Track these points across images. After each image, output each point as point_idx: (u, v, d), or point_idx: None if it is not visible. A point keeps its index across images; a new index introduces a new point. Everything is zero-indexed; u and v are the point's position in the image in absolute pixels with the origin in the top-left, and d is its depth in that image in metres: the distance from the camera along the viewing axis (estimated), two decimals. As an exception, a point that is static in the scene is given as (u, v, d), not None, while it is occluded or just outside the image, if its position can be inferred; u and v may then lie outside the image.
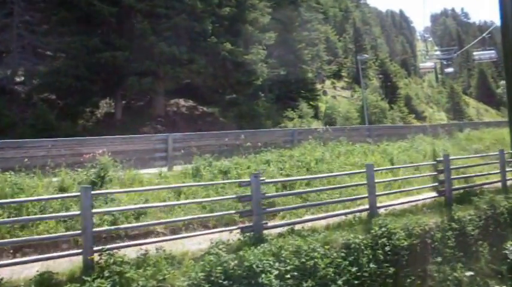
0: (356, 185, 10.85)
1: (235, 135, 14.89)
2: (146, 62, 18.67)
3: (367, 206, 10.15)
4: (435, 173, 12.62)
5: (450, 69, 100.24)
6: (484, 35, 72.75)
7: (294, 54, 30.05)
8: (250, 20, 22.59)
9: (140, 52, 19.21)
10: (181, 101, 25.89)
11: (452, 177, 12.48)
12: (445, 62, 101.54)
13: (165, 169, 13.08)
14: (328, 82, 43.21)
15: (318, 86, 39.76)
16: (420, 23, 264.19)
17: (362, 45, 49.65)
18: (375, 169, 10.64)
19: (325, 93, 37.47)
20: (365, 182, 10.35)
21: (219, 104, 26.77)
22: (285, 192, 10.06)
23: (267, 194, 8.87)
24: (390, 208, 10.76)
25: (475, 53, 75.25)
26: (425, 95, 54.34)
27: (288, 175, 13.06)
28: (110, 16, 19.32)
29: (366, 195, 10.25)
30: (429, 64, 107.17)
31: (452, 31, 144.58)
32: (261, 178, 8.70)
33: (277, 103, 29.19)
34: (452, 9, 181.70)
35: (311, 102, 30.27)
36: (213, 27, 20.85)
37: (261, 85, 25.11)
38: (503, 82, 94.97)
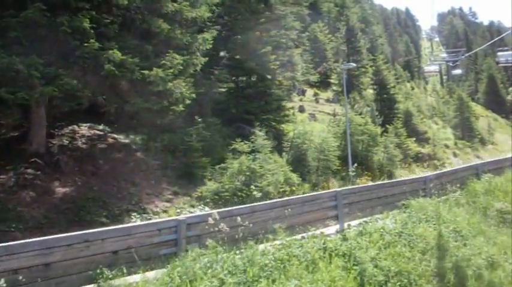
0: None
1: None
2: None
3: None
4: None
5: (458, 71, 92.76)
6: (505, 34, 64.96)
7: (254, 61, 22.46)
8: (168, 14, 15.01)
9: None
10: (84, 129, 18.35)
11: None
12: (451, 64, 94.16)
13: None
14: (311, 92, 35.57)
15: (295, 100, 32.21)
16: (427, 21, 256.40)
17: (356, 47, 42.03)
18: None
19: (302, 110, 29.89)
20: None
21: (144, 131, 19.41)
22: None
23: None
24: None
25: (499, 54, 67.11)
26: (429, 106, 46.65)
27: None
28: None
29: None
30: (433, 68, 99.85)
31: (460, 31, 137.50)
32: None
33: (229, 128, 21.66)
34: (460, 9, 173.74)
35: (277, 126, 22.69)
36: (100, 26, 13.33)
37: (192, 107, 17.66)
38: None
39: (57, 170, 15.89)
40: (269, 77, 24.13)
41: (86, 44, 12.72)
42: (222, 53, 24.44)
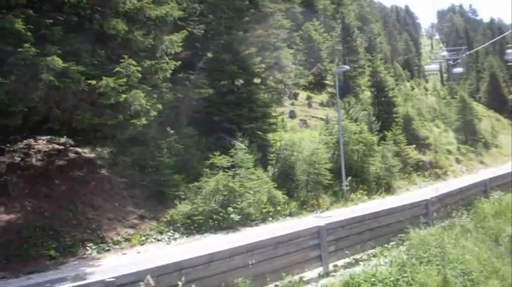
0: None
1: None
2: None
3: None
4: None
5: (459, 69, 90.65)
6: (508, 32, 62.67)
7: (237, 64, 20.39)
8: (127, 12, 12.91)
9: None
10: (42, 143, 16.25)
11: None
12: (451, 62, 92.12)
13: None
14: (304, 95, 33.41)
15: (286, 104, 30.10)
16: (427, 18, 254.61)
17: (352, 46, 39.86)
18: None
19: (292, 115, 27.74)
20: None
21: (113, 143, 17.31)
22: None
23: None
24: None
25: (508, 52, 64.15)
26: (430, 108, 44.43)
27: None
28: None
29: None
30: (434, 66, 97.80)
31: (460, 28, 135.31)
32: None
33: (209, 139, 19.57)
34: (460, 6, 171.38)
35: (263, 136, 20.59)
36: (41, 27, 11.26)
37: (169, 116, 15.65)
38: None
39: (3, 193, 13.83)
40: (256, 81, 22.06)
41: (19, 50, 10.62)
42: (209, 55, 22.38)
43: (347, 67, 25.01)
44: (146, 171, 16.89)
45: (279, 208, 16.80)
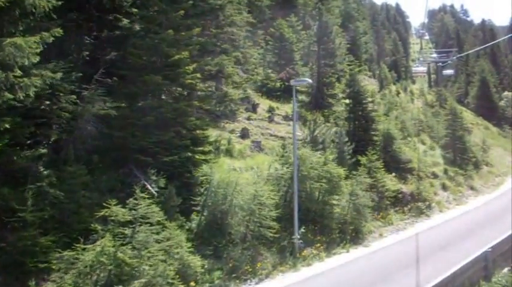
0: None
1: None
2: None
3: None
4: None
5: (450, 71, 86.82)
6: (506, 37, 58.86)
7: (163, 73, 15.45)
8: None
9: None
10: None
11: None
12: (441, 64, 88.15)
13: None
14: (266, 105, 28.39)
15: (241, 118, 25.11)
16: (418, 17, 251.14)
17: (329, 48, 34.86)
18: None
19: (244, 135, 22.72)
20: None
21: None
22: None
23: None
24: None
25: None
26: (416, 119, 39.76)
27: None
28: None
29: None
30: (422, 69, 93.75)
31: (450, 29, 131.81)
32: None
33: (116, 175, 14.59)
34: (451, 6, 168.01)
35: (192, 169, 15.65)
36: None
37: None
38: (506, 93, 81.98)
39: None
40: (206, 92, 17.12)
41: None
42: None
43: (309, 80, 20.17)
44: (10, 226, 11.90)
45: (192, 283, 11.96)
